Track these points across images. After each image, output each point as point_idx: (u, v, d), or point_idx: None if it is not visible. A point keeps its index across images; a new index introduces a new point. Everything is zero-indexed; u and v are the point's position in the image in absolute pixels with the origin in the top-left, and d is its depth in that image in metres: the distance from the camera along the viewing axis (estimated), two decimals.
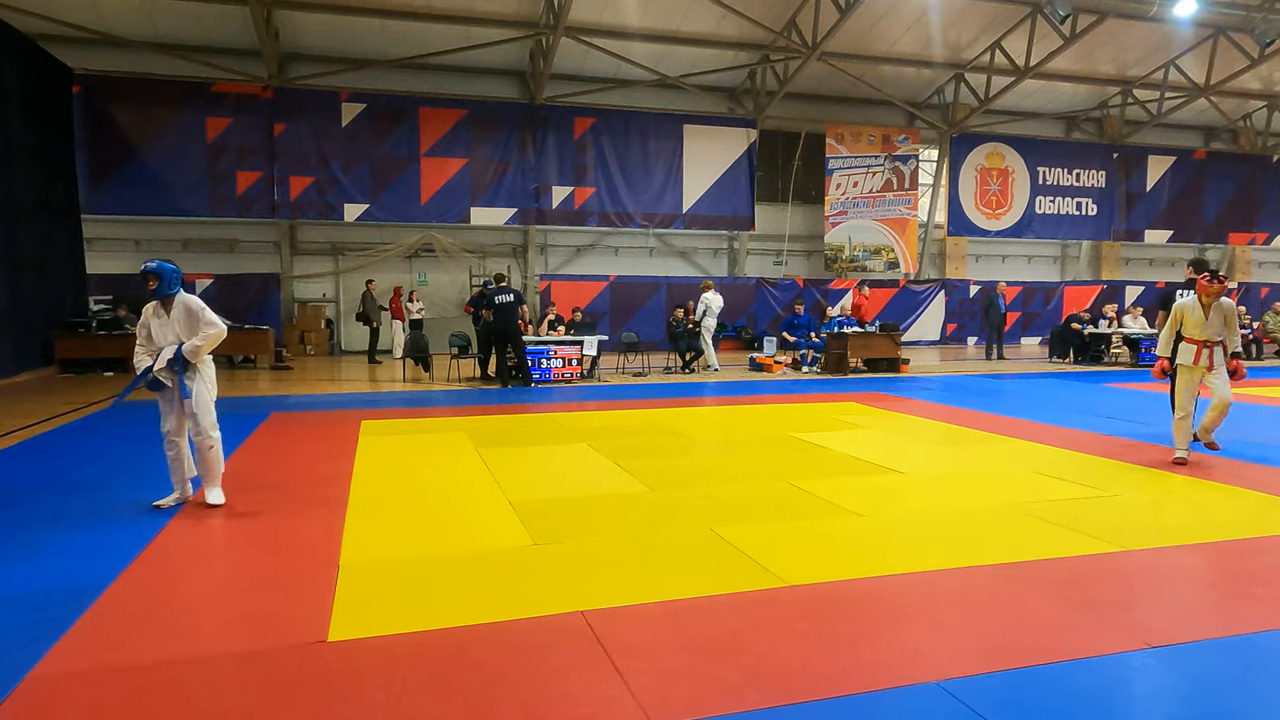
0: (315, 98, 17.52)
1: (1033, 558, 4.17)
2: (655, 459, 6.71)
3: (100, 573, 3.93)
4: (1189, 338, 6.55)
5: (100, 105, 16.26)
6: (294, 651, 3.09)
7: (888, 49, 19.23)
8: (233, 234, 18.18)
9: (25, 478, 6.06)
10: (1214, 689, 2.84)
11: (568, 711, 2.64)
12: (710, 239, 21.67)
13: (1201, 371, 6.50)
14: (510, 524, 4.81)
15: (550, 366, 12.70)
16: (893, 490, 5.72)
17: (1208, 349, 6.47)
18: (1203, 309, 6.49)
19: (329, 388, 12.17)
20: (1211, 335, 6.47)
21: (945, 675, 2.86)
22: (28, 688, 2.79)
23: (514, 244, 20.09)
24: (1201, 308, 6.49)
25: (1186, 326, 6.56)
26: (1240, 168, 24.83)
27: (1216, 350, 6.47)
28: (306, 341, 17.96)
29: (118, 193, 16.46)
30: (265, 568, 4.10)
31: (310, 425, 8.65)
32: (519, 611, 3.46)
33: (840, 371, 14.24)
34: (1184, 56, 20.39)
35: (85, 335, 13.83)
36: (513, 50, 18.19)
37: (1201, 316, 6.48)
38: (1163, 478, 6.09)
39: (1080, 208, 23.51)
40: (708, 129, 20.17)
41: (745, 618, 3.40)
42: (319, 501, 5.33)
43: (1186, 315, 6.55)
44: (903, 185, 21.75)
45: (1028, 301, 23.02)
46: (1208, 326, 6.46)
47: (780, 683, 2.82)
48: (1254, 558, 4.24)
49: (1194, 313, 6.51)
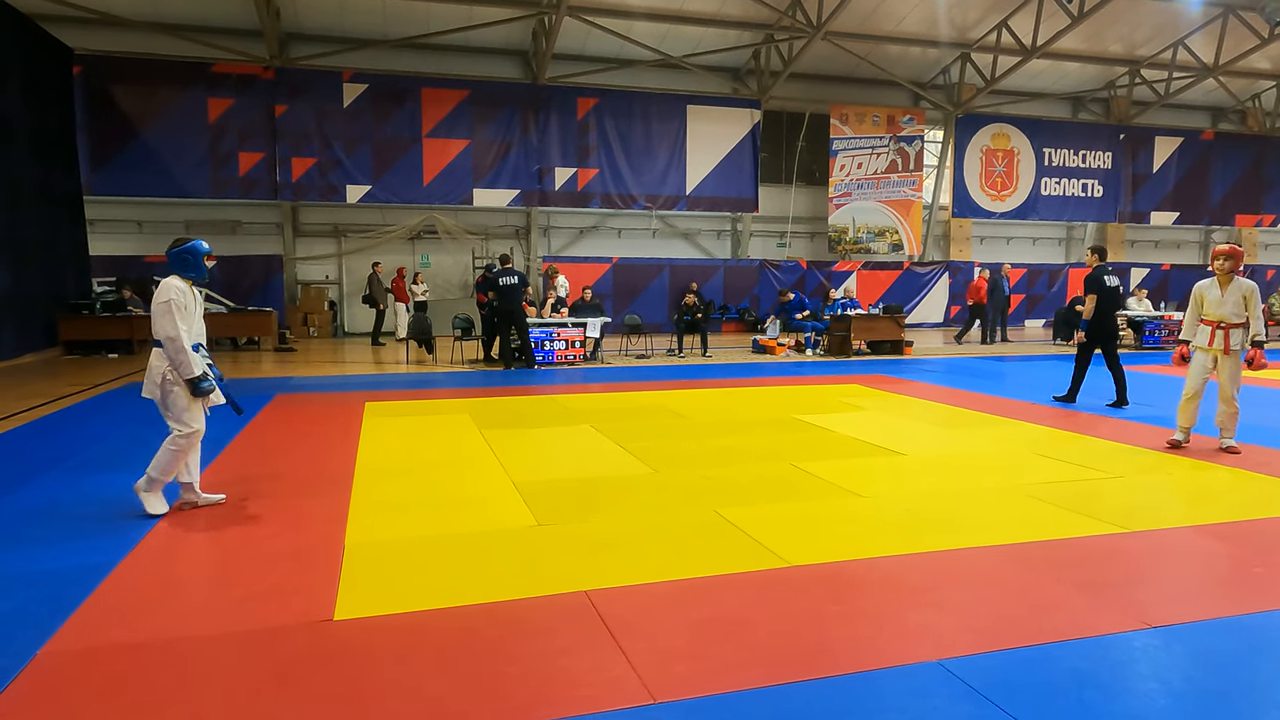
0: (317, 78, 17.43)
1: (1033, 539, 4.19)
2: (658, 440, 6.73)
3: (108, 552, 3.96)
4: (1205, 319, 6.41)
5: (101, 86, 16.19)
6: (300, 630, 3.12)
7: (893, 28, 19.06)
8: (235, 216, 18.16)
9: (33, 458, 6.10)
10: (1214, 669, 2.86)
11: (572, 690, 2.67)
12: (713, 220, 21.60)
13: (1215, 354, 6.33)
14: (514, 505, 4.84)
15: (553, 349, 12.71)
16: (894, 472, 5.73)
17: (1222, 330, 6.29)
18: (1220, 288, 6.34)
19: (333, 369, 12.20)
20: (1227, 316, 6.28)
21: (945, 654, 2.89)
22: (39, 665, 2.83)
23: (517, 225, 20.04)
24: (1219, 286, 6.34)
25: (1205, 307, 6.43)
26: (1248, 149, 24.64)
27: (1233, 333, 6.26)
28: (310, 323, 17.98)
29: (119, 174, 16.44)
30: (272, 548, 4.13)
31: (315, 407, 8.68)
32: (524, 591, 3.49)
33: (843, 354, 14.24)
34: (1193, 36, 20.20)
35: (89, 317, 13.85)
36: (515, 30, 18.05)
37: (1218, 295, 6.33)
38: (1165, 460, 6.10)
39: (1086, 189, 23.38)
40: (711, 110, 20.04)
41: (747, 597, 3.42)
42: (324, 482, 5.36)
43: (1204, 295, 6.41)
44: (907, 166, 21.63)
45: (1032, 284, 22.94)
46: (1222, 305, 6.29)
47: (781, 661, 2.85)
48: (1255, 539, 4.25)
49: (1211, 291, 6.38)
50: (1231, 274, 6.35)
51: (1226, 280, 6.33)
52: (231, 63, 16.85)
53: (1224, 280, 6.33)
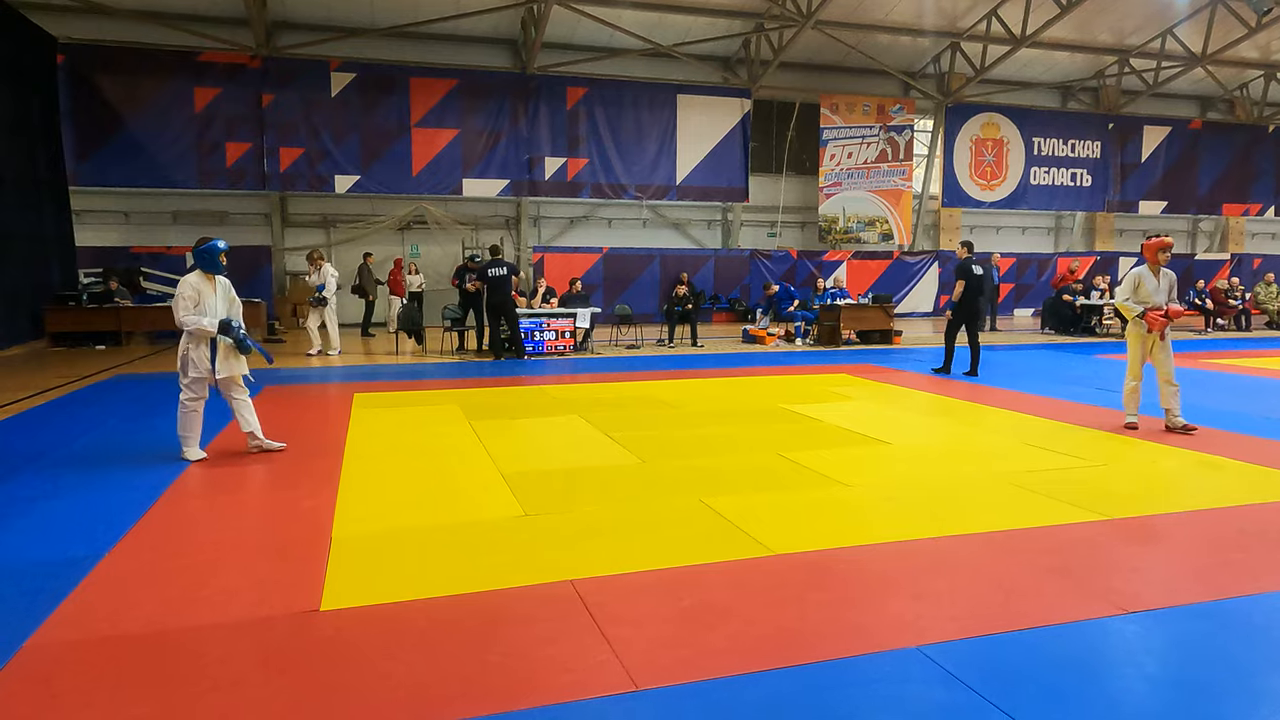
0: (304, 67, 17.31)
1: (1015, 526, 4.24)
2: (646, 430, 6.76)
3: (95, 544, 3.97)
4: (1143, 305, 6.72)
5: (85, 75, 16.03)
6: (286, 620, 3.14)
7: (883, 17, 19.04)
8: (223, 206, 18.05)
9: (20, 450, 6.08)
10: (1189, 653, 2.92)
11: (556, 677, 2.70)
12: (704, 210, 21.59)
13: (1154, 340, 6.65)
14: (502, 495, 4.86)
15: (543, 339, 12.72)
16: (880, 461, 5.78)
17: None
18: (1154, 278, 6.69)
19: (322, 361, 12.17)
20: (1161, 302, 6.66)
21: (925, 640, 2.93)
22: (23, 657, 2.84)
23: (507, 215, 19.99)
24: (1153, 276, 6.69)
25: (1141, 294, 6.72)
26: (1236, 138, 24.75)
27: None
28: (299, 314, 17.89)
29: (105, 165, 16.29)
30: (259, 539, 4.14)
31: (303, 398, 8.67)
32: (509, 581, 3.52)
33: (833, 343, 14.29)
34: (1181, 25, 20.24)
35: (76, 309, 13.76)
36: (504, 18, 17.95)
37: (1155, 284, 6.69)
38: (1149, 448, 6.17)
39: (1075, 179, 23.46)
40: (701, 99, 20.01)
41: (731, 586, 3.46)
42: (312, 474, 5.37)
43: (1144, 283, 6.72)
44: (897, 156, 21.65)
45: (1021, 273, 23.04)
46: (1158, 293, 6.67)
47: (763, 648, 2.88)
48: (1233, 524, 4.31)
49: (1149, 281, 6.70)
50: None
51: (1157, 270, 6.73)
52: (218, 51, 16.70)
53: (1156, 270, 6.72)
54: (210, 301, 5.68)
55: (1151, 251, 6.72)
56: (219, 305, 5.73)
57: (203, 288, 5.69)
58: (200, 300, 5.63)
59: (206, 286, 5.72)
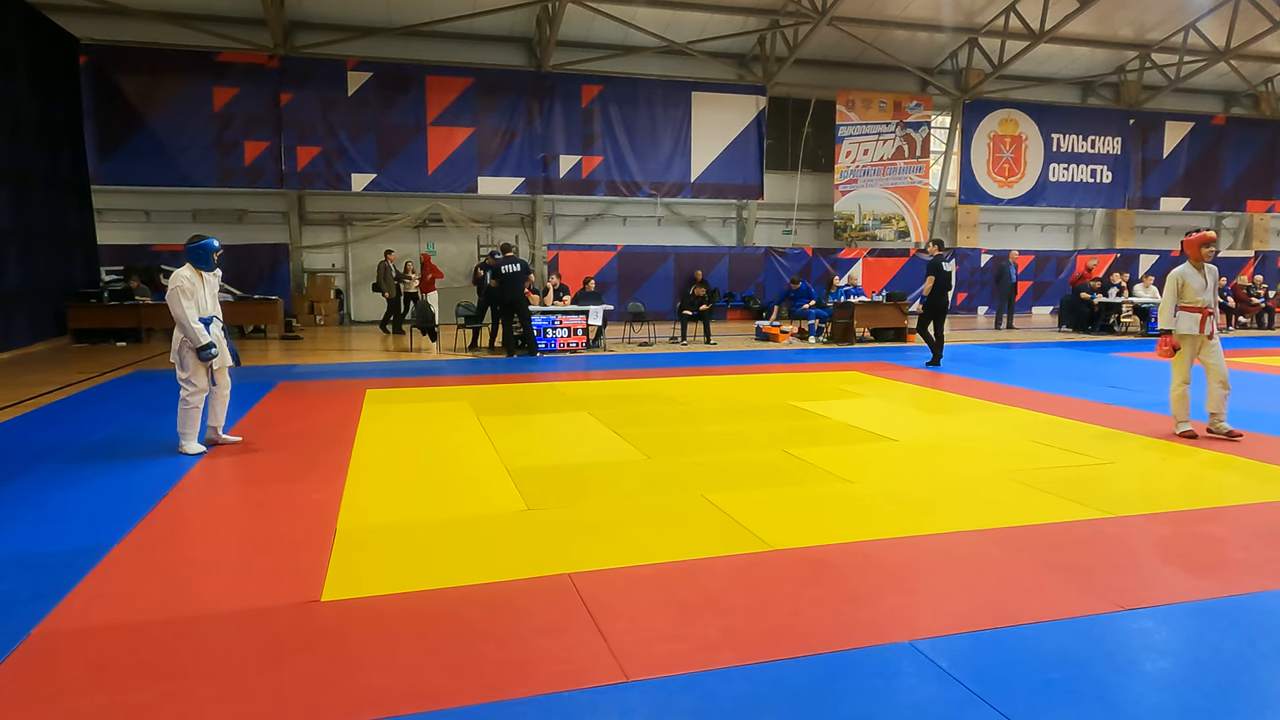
0: (321, 66, 17.46)
1: (1019, 523, 4.22)
2: (653, 427, 6.78)
3: (105, 534, 4.05)
4: (1190, 306, 6.35)
5: (107, 75, 16.27)
6: (288, 610, 3.19)
7: (900, 13, 18.91)
8: (241, 204, 18.25)
9: (39, 443, 6.21)
10: (1188, 650, 2.90)
11: (549, 667, 2.73)
12: (719, 208, 21.55)
13: (1203, 341, 6.32)
14: (506, 490, 4.90)
15: (556, 336, 12.77)
16: (886, 458, 5.76)
17: (1208, 316, 6.32)
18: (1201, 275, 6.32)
19: (337, 357, 12.30)
20: (1210, 301, 6.33)
21: (918, 635, 2.93)
22: (31, 644, 2.91)
23: (522, 213, 20.06)
24: (1198, 274, 6.32)
25: (1187, 294, 6.37)
26: (1260, 133, 24.35)
27: (1210, 319, 6.31)
28: (316, 311, 18.08)
29: (126, 163, 16.53)
30: (265, 531, 4.21)
31: (316, 394, 8.77)
32: (508, 574, 3.55)
33: (846, 341, 14.24)
34: (1204, 19, 19.94)
35: (97, 306, 13.99)
36: (519, 17, 18.02)
37: (1203, 282, 6.31)
38: (1160, 447, 6.10)
39: (1095, 175, 23.19)
40: (716, 96, 19.96)
41: (728, 580, 3.48)
42: (321, 467, 5.44)
43: (1188, 283, 6.34)
44: (914, 153, 21.51)
45: (1040, 270, 22.81)
46: (1206, 291, 6.30)
47: (756, 642, 2.90)
48: (1238, 523, 4.27)
49: (1194, 279, 6.33)
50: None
51: (1201, 267, 6.34)
52: (236, 51, 16.89)
53: (1200, 267, 6.34)
54: (201, 295, 5.92)
55: (1194, 248, 6.33)
56: (208, 300, 5.97)
57: (196, 281, 5.90)
58: (193, 294, 5.87)
59: (198, 280, 5.93)
